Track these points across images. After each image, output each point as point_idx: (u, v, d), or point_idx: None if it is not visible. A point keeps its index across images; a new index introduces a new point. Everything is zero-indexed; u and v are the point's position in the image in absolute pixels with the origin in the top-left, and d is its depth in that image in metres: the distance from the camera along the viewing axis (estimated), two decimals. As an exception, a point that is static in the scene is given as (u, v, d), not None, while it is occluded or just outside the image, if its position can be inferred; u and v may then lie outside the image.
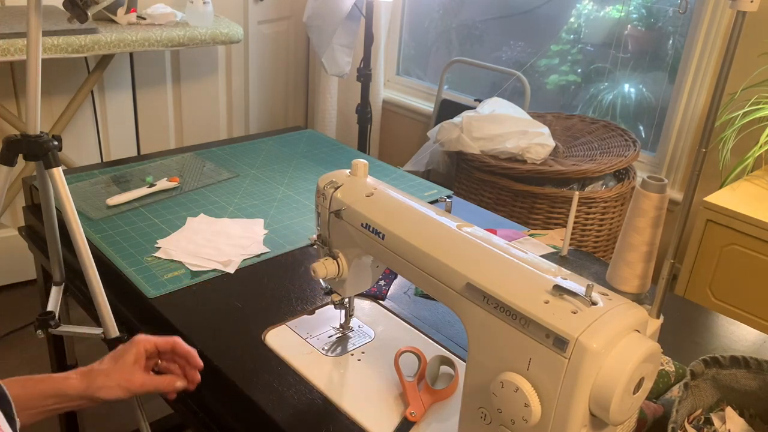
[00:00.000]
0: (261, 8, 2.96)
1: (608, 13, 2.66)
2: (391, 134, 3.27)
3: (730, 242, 1.79)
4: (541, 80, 2.88)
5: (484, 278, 0.72)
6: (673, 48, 2.48)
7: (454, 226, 0.82)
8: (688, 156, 2.35)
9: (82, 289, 1.23)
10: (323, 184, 0.95)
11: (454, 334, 1.06)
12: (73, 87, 2.38)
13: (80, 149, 2.52)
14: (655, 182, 0.89)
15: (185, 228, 1.30)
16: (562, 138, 2.43)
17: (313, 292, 1.14)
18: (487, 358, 0.72)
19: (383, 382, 0.94)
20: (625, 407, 0.65)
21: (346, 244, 0.94)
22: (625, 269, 0.92)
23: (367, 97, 2.56)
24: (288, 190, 1.53)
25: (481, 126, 2.26)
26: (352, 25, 2.59)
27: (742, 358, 0.88)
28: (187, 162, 1.63)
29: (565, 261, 1.23)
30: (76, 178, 1.50)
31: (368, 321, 1.08)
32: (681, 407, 0.82)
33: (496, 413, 0.72)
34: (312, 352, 0.99)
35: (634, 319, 0.67)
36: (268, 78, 3.13)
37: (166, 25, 2.32)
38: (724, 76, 0.80)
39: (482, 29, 3.05)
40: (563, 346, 0.64)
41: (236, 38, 2.45)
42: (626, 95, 2.66)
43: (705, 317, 1.21)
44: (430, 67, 3.27)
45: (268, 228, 1.34)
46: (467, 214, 1.51)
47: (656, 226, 0.90)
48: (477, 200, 2.24)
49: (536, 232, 1.41)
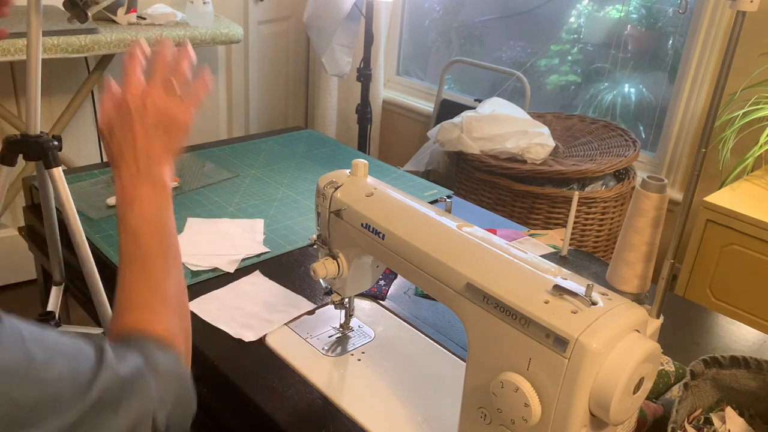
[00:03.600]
0: (261, 8, 2.96)
1: (608, 13, 2.66)
2: (391, 134, 3.27)
3: (730, 242, 1.79)
4: (541, 80, 2.88)
5: (484, 278, 0.72)
6: (673, 48, 2.48)
7: (454, 226, 0.82)
8: (688, 156, 2.35)
9: (82, 289, 1.23)
10: (323, 184, 0.95)
11: (454, 334, 1.06)
12: (73, 87, 2.38)
13: (80, 149, 2.52)
14: (655, 182, 0.89)
15: (185, 228, 1.30)
16: (562, 138, 2.43)
17: (313, 292, 1.14)
18: (487, 358, 0.72)
19: (383, 381, 0.94)
20: (625, 407, 0.65)
21: (346, 244, 0.94)
22: (625, 269, 0.92)
23: (367, 97, 2.56)
24: (288, 190, 1.53)
25: (481, 126, 2.26)
26: (352, 25, 2.59)
27: (742, 358, 0.88)
28: (187, 162, 1.63)
29: (565, 261, 1.23)
30: (76, 178, 1.50)
31: (368, 321, 1.08)
32: (681, 407, 0.82)
33: (496, 413, 0.72)
34: (312, 352, 1.00)
35: (634, 319, 0.67)
36: (268, 78, 3.13)
37: (166, 25, 2.31)
38: (724, 76, 0.80)
39: (482, 29, 3.04)
40: (563, 346, 0.64)
41: (236, 38, 2.45)
42: (626, 95, 2.66)
43: (705, 317, 1.21)
44: (430, 67, 3.27)
45: (268, 228, 1.34)
46: (467, 214, 1.51)
47: (656, 226, 0.90)
48: (477, 200, 2.24)
49: (536, 232, 1.41)
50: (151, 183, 0.68)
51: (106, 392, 0.51)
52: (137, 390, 0.53)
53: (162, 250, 0.67)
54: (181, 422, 0.59)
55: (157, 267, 0.65)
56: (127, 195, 0.67)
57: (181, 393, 0.59)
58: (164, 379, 0.57)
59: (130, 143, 0.68)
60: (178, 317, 0.65)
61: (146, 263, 0.65)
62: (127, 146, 0.68)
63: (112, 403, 0.51)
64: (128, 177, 0.68)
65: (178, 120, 0.70)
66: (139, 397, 0.53)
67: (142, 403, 0.54)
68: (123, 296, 0.64)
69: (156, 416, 0.55)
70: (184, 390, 0.60)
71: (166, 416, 0.56)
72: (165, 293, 0.64)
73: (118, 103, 0.70)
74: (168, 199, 0.70)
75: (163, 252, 0.67)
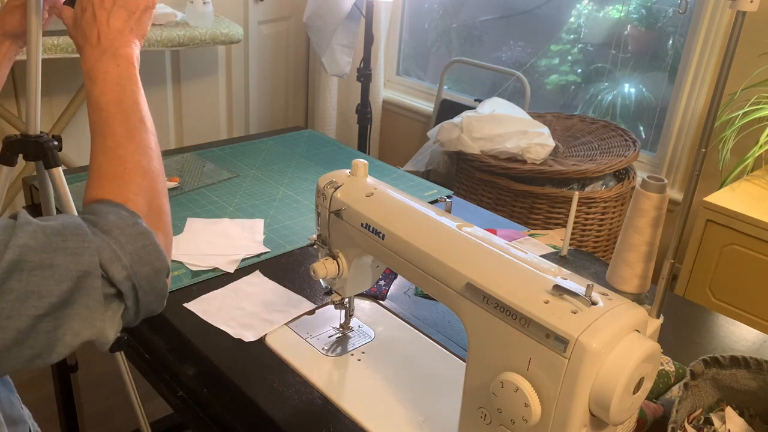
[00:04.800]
0: (261, 8, 2.96)
1: (608, 13, 2.66)
2: (391, 134, 3.27)
3: (730, 242, 1.79)
4: (541, 80, 2.88)
5: (484, 278, 0.72)
6: (673, 48, 2.48)
7: (454, 226, 0.82)
8: (688, 156, 2.36)
9: (82, 289, 1.23)
10: (323, 184, 0.95)
11: (454, 334, 1.06)
12: (73, 87, 2.38)
13: (80, 149, 2.52)
14: (655, 182, 0.89)
15: (185, 228, 1.30)
16: (562, 138, 2.43)
17: (313, 292, 1.14)
18: (487, 358, 0.72)
19: (383, 381, 0.94)
20: (625, 407, 0.65)
21: (346, 244, 0.94)
22: (625, 269, 0.92)
23: (367, 97, 2.56)
24: (288, 190, 1.53)
25: (481, 126, 2.26)
26: (352, 25, 2.59)
27: (742, 358, 0.88)
28: (187, 162, 1.63)
29: (565, 261, 1.23)
30: (76, 178, 1.50)
31: (368, 321, 1.08)
32: (681, 407, 0.82)
33: (496, 413, 0.72)
34: (312, 352, 1.00)
35: (634, 319, 0.67)
36: (268, 78, 3.13)
37: (166, 25, 2.31)
38: (724, 76, 0.80)
39: (482, 29, 3.05)
40: (563, 346, 0.64)
41: (236, 38, 2.45)
42: (626, 95, 2.67)
43: (705, 317, 1.21)
44: (430, 67, 3.27)
45: (268, 228, 1.34)
46: (467, 214, 1.51)
47: (656, 226, 0.90)
48: (477, 200, 2.24)
49: (536, 232, 1.41)
50: (113, 57, 0.72)
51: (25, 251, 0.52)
52: (71, 246, 0.54)
53: (123, 117, 0.69)
54: (151, 279, 0.60)
55: (116, 134, 0.67)
56: (90, 70, 0.72)
57: (140, 249, 0.60)
58: (115, 235, 0.58)
59: (90, 22, 0.73)
60: (141, 180, 0.66)
61: (106, 133, 0.68)
62: (88, 27, 0.73)
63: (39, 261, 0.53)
64: (91, 54, 0.72)
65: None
66: (76, 253, 0.54)
67: (81, 259, 0.55)
68: (90, 169, 0.67)
69: (108, 270, 0.56)
70: (145, 247, 0.60)
71: (124, 271, 0.57)
72: (124, 160, 0.66)
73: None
74: (134, 72, 0.73)
75: (124, 119, 0.69)
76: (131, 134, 0.68)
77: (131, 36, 0.76)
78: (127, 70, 0.73)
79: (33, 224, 0.54)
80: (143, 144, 0.69)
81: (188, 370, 0.97)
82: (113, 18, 0.74)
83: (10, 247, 0.51)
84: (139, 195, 0.64)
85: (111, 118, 0.69)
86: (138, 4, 0.76)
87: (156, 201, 0.67)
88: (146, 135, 0.70)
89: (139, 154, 0.67)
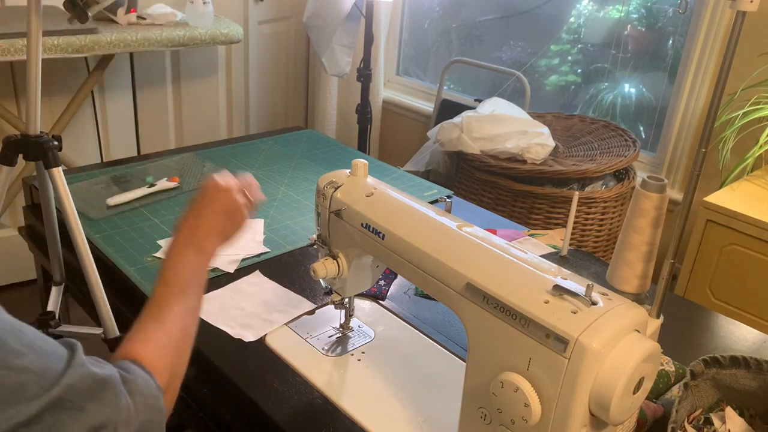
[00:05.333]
0: (261, 8, 2.96)
1: (608, 13, 2.66)
2: (391, 134, 3.27)
3: (730, 242, 1.79)
4: (541, 80, 2.88)
5: (484, 278, 0.72)
6: (673, 48, 2.48)
7: (454, 226, 0.82)
8: (688, 156, 2.35)
9: (82, 289, 1.23)
10: (323, 184, 0.95)
11: (454, 334, 1.06)
12: (73, 87, 2.38)
13: (80, 149, 2.52)
14: (655, 182, 0.89)
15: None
16: (562, 138, 2.43)
17: (313, 292, 1.14)
18: (487, 358, 0.72)
19: (383, 381, 0.94)
20: (625, 407, 0.65)
21: (346, 244, 0.94)
22: (625, 269, 0.92)
23: (367, 97, 2.56)
24: (288, 190, 1.53)
25: (481, 126, 2.26)
26: (352, 25, 2.59)
27: (742, 358, 0.88)
28: (187, 162, 1.63)
29: (565, 261, 1.23)
30: (76, 178, 1.50)
31: (368, 321, 1.08)
32: (681, 407, 0.82)
33: (496, 413, 0.72)
34: (312, 352, 0.99)
35: (634, 319, 0.67)
36: (268, 78, 3.13)
37: (166, 25, 2.31)
38: (724, 76, 0.80)
39: (482, 29, 3.05)
40: (563, 346, 0.64)
41: (236, 38, 2.45)
42: (626, 95, 2.66)
43: (705, 317, 1.21)
44: (430, 67, 3.27)
45: (268, 228, 1.34)
46: (467, 214, 1.51)
47: (656, 226, 0.90)
48: (477, 200, 2.24)
49: (536, 232, 1.41)
50: (195, 250, 0.80)
51: (70, 391, 0.52)
52: (105, 398, 0.55)
53: (183, 299, 0.75)
54: None
55: (171, 310, 0.72)
56: (172, 252, 0.79)
57: (148, 423, 0.60)
58: (136, 401, 0.59)
59: (192, 218, 0.83)
60: (174, 357, 0.69)
61: (163, 305, 0.73)
62: (190, 218, 0.83)
63: (75, 403, 0.53)
64: (179, 240, 0.81)
65: (240, 211, 0.86)
66: (106, 405, 0.55)
67: (106, 412, 0.55)
68: (139, 319, 0.71)
69: (118, 428, 0.56)
70: (152, 422, 0.61)
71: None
72: (168, 332, 0.70)
73: (204, 185, 0.86)
74: (206, 266, 0.82)
75: (183, 301, 0.75)
76: (182, 315, 0.73)
77: (221, 237, 0.85)
78: (203, 263, 0.81)
79: (86, 367, 0.55)
80: (188, 329, 0.74)
81: (188, 370, 0.97)
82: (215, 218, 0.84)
83: (60, 384, 0.52)
84: (169, 369, 0.68)
85: (172, 296, 0.74)
86: (239, 216, 0.86)
87: (178, 376, 0.71)
88: (193, 319, 0.76)
89: (181, 334, 0.72)
